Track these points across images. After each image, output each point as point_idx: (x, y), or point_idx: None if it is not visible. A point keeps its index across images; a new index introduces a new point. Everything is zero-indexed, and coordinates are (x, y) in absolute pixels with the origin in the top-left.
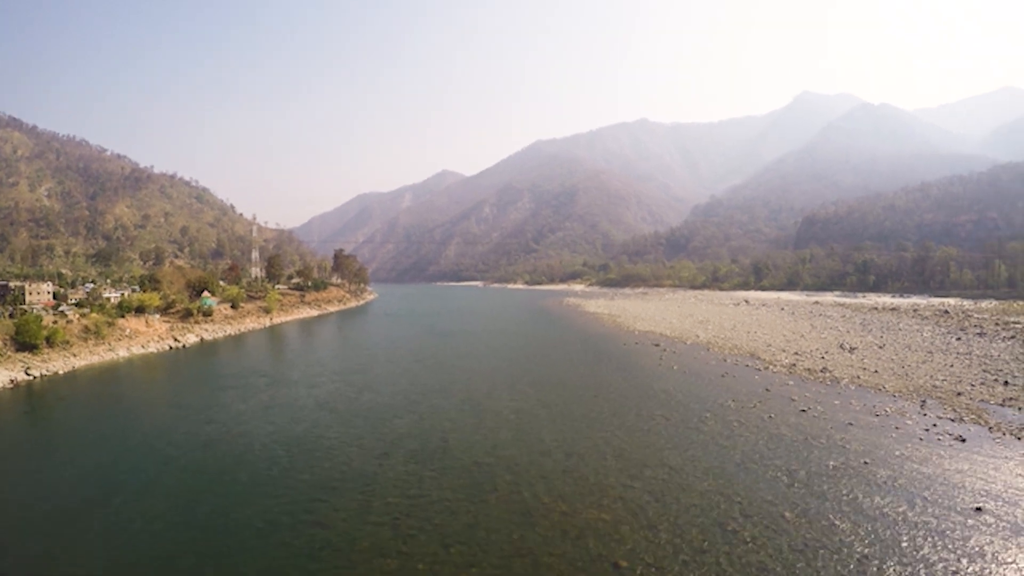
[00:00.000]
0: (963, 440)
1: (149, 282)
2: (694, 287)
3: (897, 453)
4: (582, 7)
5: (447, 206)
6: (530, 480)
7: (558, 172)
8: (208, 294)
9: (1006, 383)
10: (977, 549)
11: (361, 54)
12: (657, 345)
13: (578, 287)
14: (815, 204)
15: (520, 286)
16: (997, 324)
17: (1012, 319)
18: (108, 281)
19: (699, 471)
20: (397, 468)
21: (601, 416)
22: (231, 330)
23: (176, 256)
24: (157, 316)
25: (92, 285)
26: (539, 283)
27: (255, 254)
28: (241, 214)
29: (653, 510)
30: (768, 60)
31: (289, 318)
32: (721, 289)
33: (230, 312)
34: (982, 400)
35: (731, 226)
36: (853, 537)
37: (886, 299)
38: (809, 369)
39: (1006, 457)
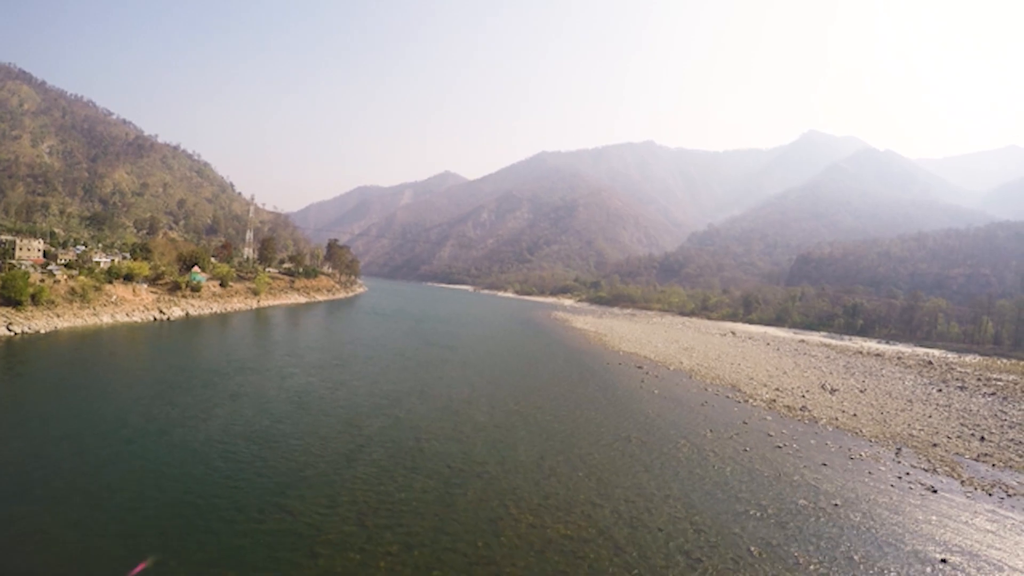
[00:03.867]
0: (935, 491)
1: (140, 251)
2: (683, 313)
3: (868, 498)
4: (593, 22)
5: (446, 207)
6: (500, 490)
7: (560, 185)
8: (198, 269)
9: (982, 439)
10: None
11: (373, 48)
12: (640, 368)
13: (567, 302)
14: (811, 243)
15: (510, 295)
16: (979, 379)
17: (994, 376)
18: (100, 245)
19: (670, 497)
20: (368, 467)
21: (578, 433)
22: (217, 308)
23: (171, 228)
24: (145, 286)
25: (83, 248)
26: (529, 293)
27: (249, 234)
28: (240, 193)
29: (620, 532)
30: (777, 96)
31: (276, 302)
32: (709, 318)
33: (218, 290)
34: (957, 453)
35: (726, 256)
36: None
37: (872, 344)
38: (789, 406)
39: (975, 512)
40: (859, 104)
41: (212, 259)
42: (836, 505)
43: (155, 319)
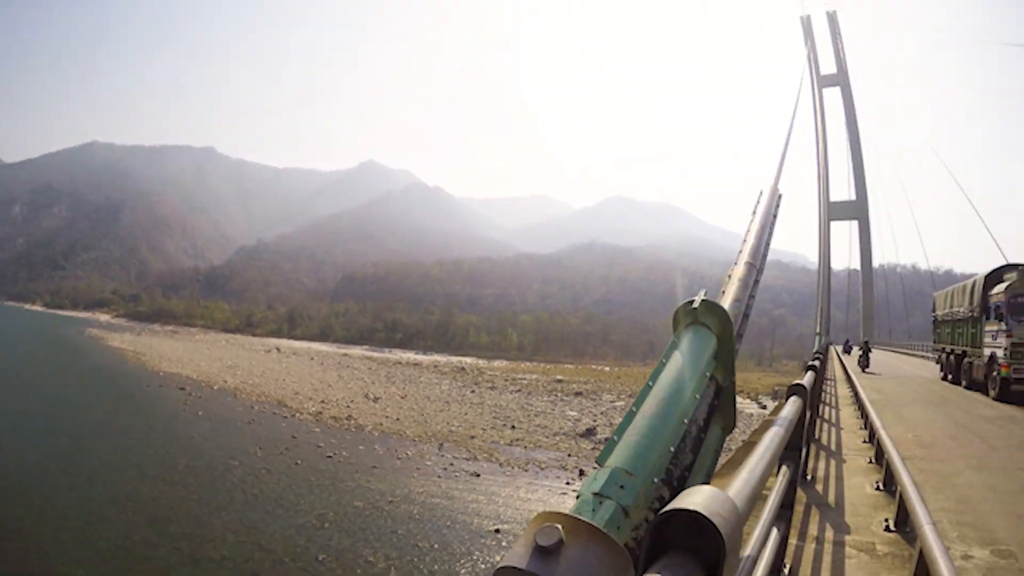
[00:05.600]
0: (478, 475)
1: None
2: (227, 330)
3: (420, 490)
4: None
5: None
6: (33, 544)
7: (107, 183)
8: None
9: (513, 427)
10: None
11: None
12: (183, 389)
13: (104, 317)
14: (358, 263)
15: (39, 308)
16: (506, 380)
17: (519, 376)
18: None
19: (230, 522)
20: None
21: (122, 467)
22: None
23: None
24: None
25: None
26: (62, 307)
27: None
28: None
29: (184, 572)
30: (344, 122)
31: None
32: (255, 335)
33: None
34: (493, 441)
35: (273, 272)
36: (389, 568)
37: (411, 355)
38: (335, 417)
39: (516, 486)
40: (414, 143)
41: None
42: (391, 502)
43: None
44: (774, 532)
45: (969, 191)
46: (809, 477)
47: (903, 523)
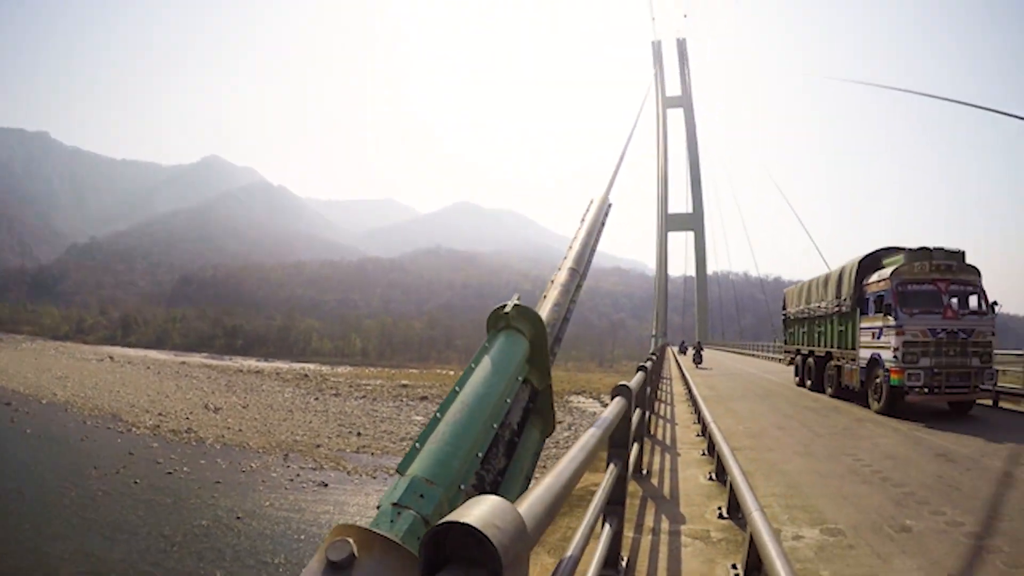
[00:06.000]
0: (326, 485)
1: None
2: (56, 337)
3: (267, 504)
4: None
5: None
6: None
7: None
8: None
9: (359, 434)
10: None
11: None
12: (9, 404)
13: None
14: (196, 265)
15: None
16: (351, 386)
17: (364, 381)
18: None
19: (67, 552)
20: None
21: None
22: None
23: None
24: None
25: None
26: None
27: None
28: None
29: None
30: (185, 114)
31: None
32: (86, 342)
33: None
34: (339, 449)
35: (106, 274)
36: None
37: (252, 362)
38: (174, 430)
39: (365, 494)
40: (260, 139)
41: None
42: (239, 518)
43: None
44: (606, 528)
45: (796, 207)
46: (645, 472)
47: (735, 510)
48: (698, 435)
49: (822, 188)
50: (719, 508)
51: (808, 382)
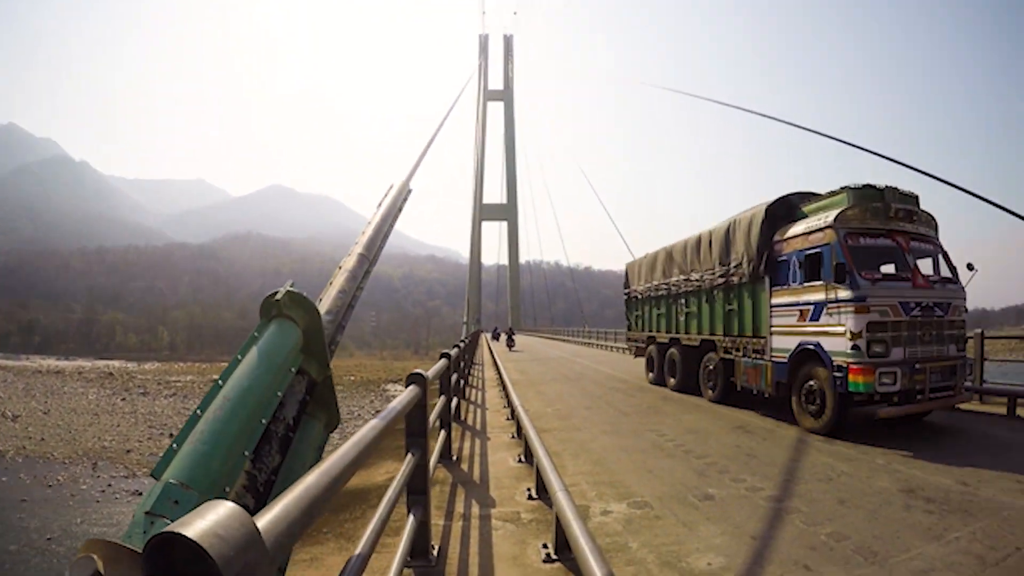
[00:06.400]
0: (140, 493)
1: None
2: None
3: (79, 520)
4: None
5: None
6: None
7: None
8: None
9: (171, 435)
10: None
11: None
12: None
13: None
14: None
15: None
16: (160, 384)
17: (173, 378)
18: None
19: None
20: None
21: None
22: None
23: None
24: None
25: None
26: None
27: None
28: None
29: None
30: None
31: None
32: None
33: None
34: (152, 454)
35: None
36: None
37: (51, 361)
38: None
39: None
40: (64, 108)
41: None
42: (50, 539)
43: None
44: (411, 518)
45: (605, 200)
46: (455, 458)
47: (543, 491)
48: (508, 419)
49: (629, 184)
50: (528, 489)
51: (670, 380)
